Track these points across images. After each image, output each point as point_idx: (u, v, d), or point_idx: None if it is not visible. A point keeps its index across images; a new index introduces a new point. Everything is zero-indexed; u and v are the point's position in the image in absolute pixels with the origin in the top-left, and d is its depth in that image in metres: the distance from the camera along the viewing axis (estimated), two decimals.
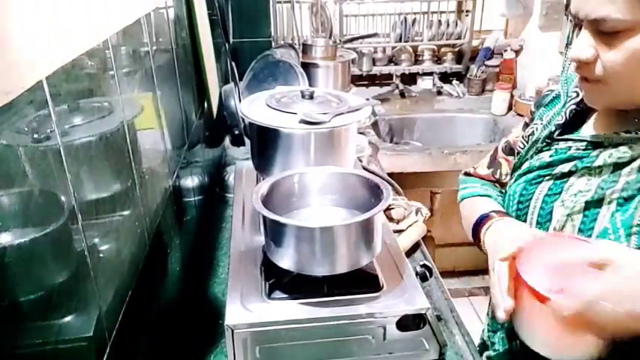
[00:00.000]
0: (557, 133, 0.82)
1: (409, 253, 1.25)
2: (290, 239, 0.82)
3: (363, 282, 0.87)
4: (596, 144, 0.74)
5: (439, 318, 1.01)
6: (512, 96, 2.49)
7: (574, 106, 0.81)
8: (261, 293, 0.85)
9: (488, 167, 1.00)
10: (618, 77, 0.66)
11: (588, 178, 0.73)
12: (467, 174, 1.04)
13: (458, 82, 2.72)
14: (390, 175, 1.67)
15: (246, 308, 0.82)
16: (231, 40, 1.83)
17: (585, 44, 0.67)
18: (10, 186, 0.43)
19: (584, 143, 0.75)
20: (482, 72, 2.67)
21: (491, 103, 2.50)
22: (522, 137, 0.90)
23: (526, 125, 0.92)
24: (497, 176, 0.99)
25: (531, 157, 0.84)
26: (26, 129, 0.46)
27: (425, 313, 0.82)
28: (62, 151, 0.52)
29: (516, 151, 0.91)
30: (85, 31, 0.60)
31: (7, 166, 0.43)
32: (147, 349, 0.80)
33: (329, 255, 0.81)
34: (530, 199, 0.80)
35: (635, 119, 0.70)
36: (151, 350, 0.82)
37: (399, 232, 1.28)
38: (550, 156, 0.80)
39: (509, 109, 2.48)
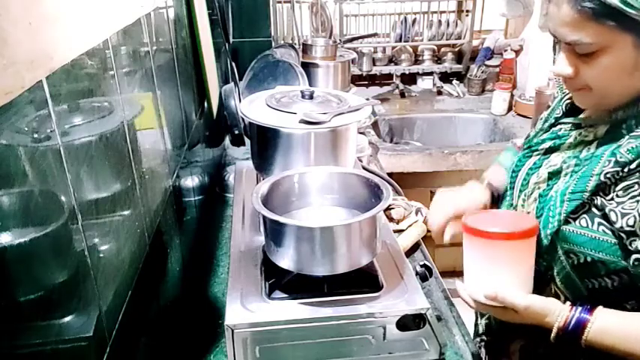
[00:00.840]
0: (556, 123, 0.91)
1: (409, 253, 1.25)
2: (290, 239, 0.82)
3: (363, 282, 0.87)
4: (577, 125, 0.85)
5: (439, 318, 1.01)
6: (512, 96, 2.49)
7: (569, 101, 0.90)
8: (261, 293, 0.85)
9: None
10: (599, 86, 0.76)
11: (563, 155, 0.84)
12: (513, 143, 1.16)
13: (458, 82, 2.72)
14: (390, 175, 1.68)
15: (246, 308, 0.82)
16: (231, 40, 1.83)
17: (565, 62, 0.76)
18: (10, 186, 0.43)
19: (570, 125, 0.86)
20: (483, 72, 2.67)
21: (492, 103, 2.50)
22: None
23: (548, 106, 0.99)
24: None
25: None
26: (26, 129, 0.46)
27: (425, 313, 0.82)
28: (62, 151, 0.52)
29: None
30: (85, 31, 0.60)
31: (7, 166, 0.43)
32: (147, 349, 0.80)
33: (329, 255, 0.81)
34: (520, 170, 0.92)
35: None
36: (151, 350, 0.82)
37: (399, 232, 1.28)
38: (546, 136, 0.91)
39: (510, 109, 2.48)
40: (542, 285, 0.83)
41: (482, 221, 0.81)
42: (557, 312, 0.76)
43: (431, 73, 2.71)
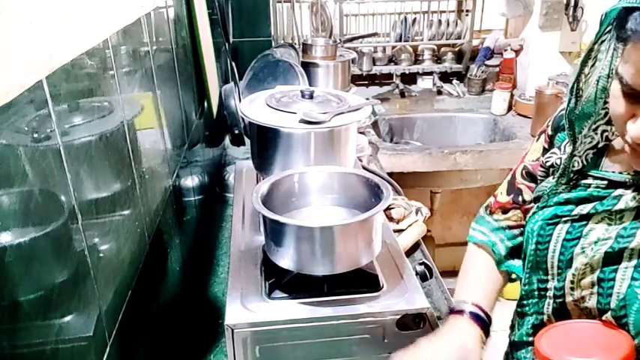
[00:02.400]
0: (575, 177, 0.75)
1: (409, 252, 1.25)
2: (290, 239, 0.82)
3: (363, 281, 0.87)
4: (618, 183, 0.68)
5: (439, 318, 1.01)
6: (512, 96, 2.49)
7: (591, 150, 0.73)
8: (261, 293, 0.85)
9: (508, 194, 0.91)
10: None
11: (608, 223, 0.69)
12: (487, 207, 0.95)
13: (458, 82, 2.72)
14: (390, 174, 1.67)
15: (246, 308, 0.82)
16: (231, 40, 1.83)
17: None
18: (10, 186, 0.43)
19: (606, 182, 0.70)
20: (483, 72, 2.67)
21: (491, 103, 2.50)
22: (541, 165, 0.83)
23: (545, 151, 0.83)
24: (521, 202, 0.89)
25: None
26: (26, 129, 0.46)
27: (425, 313, 0.82)
28: (62, 151, 0.52)
29: (538, 178, 0.85)
30: (85, 30, 0.60)
31: (7, 165, 0.43)
32: (147, 348, 0.80)
33: (329, 254, 0.81)
34: (549, 241, 0.75)
35: None
36: (151, 350, 0.82)
37: (399, 231, 1.28)
38: (568, 192, 0.74)
39: (509, 108, 2.48)
40: None
41: (561, 346, 0.65)
42: None
43: (431, 73, 2.70)
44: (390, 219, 1.31)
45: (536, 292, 0.79)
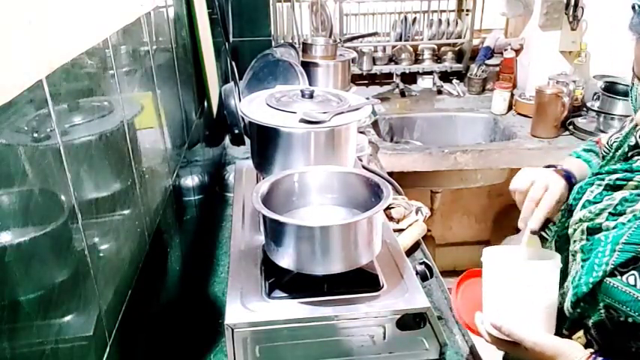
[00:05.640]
0: (631, 153, 0.81)
1: (409, 252, 1.25)
2: (290, 238, 0.82)
3: (363, 281, 0.87)
4: None
5: (439, 317, 1.01)
6: (512, 95, 2.48)
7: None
8: (261, 292, 0.85)
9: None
10: None
11: (626, 194, 0.74)
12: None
13: (458, 82, 2.72)
14: (390, 174, 1.67)
15: (246, 307, 0.82)
16: (231, 39, 1.83)
17: None
18: (10, 185, 0.43)
19: None
20: (483, 71, 2.67)
21: (492, 103, 2.50)
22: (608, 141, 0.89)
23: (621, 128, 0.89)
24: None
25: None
26: (26, 128, 0.46)
27: (425, 313, 0.82)
28: (62, 151, 0.52)
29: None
30: (85, 30, 0.60)
31: (7, 165, 0.43)
32: (147, 348, 0.80)
33: (329, 254, 0.81)
34: (580, 199, 0.82)
35: None
36: (151, 349, 0.82)
37: (399, 231, 1.28)
38: (618, 166, 0.80)
39: (510, 108, 2.48)
40: (574, 330, 0.78)
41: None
42: (571, 357, 0.70)
43: (431, 73, 2.70)
44: (390, 219, 1.31)
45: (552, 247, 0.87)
